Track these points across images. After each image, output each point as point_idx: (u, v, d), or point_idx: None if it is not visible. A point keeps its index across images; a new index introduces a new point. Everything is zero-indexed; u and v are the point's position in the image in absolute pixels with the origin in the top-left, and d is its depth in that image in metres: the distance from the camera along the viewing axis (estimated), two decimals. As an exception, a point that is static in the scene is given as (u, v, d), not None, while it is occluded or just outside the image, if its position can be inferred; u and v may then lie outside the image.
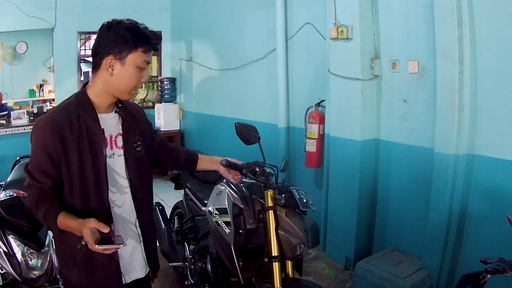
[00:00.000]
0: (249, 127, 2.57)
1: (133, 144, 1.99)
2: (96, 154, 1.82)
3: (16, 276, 2.57)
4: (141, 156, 2.03)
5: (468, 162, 3.34)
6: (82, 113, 1.82)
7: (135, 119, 2.06)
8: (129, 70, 1.81)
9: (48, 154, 1.75)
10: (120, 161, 1.94)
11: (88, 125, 1.82)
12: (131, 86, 1.85)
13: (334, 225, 4.40)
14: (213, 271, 3.09)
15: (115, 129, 1.95)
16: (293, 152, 5.23)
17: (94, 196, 1.83)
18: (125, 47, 1.78)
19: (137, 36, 1.79)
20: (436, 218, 3.48)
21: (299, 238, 2.44)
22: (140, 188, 2.01)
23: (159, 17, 7.95)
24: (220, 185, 2.91)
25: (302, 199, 2.46)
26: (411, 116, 3.78)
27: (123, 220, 1.97)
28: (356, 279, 3.78)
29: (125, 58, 1.79)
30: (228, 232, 2.66)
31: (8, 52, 8.61)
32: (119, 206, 1.95)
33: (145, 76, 1.87)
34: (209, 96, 7.15)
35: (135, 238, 2.02)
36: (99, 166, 1.83)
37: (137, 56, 1.80)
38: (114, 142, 1.93)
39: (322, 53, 4.48)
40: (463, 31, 3.22)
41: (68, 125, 1.78)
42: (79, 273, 1.89)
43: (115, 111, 1.97)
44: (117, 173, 1.93)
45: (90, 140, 1.81)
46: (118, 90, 1.85)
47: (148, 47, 1.82)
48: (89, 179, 1.81)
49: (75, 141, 1.78)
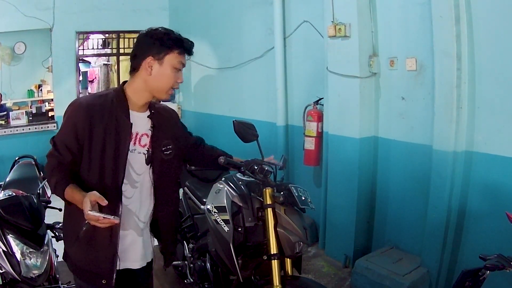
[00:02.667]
0: (247, 125, 2.57)
1: (162, 148, 2.15)
2: (119, 143, 1.97)
3: (15, 275, 2.57)
4: (170, 159, 2.19)
5: (466, 159, 3.34)
6: (116, 104, 2.00)
7: (167, 124, 2.23)
8: (167, 70, 1.99)
9: (75, 132, 1.91)
10: (138, 158, 2.08)
11: (118, 117, 1.99)
12: (168, 86, 2.02)
13: (333, 223, 4.40)
14: (212, 270, 3.09)
15: (142, 129, 2.10)
16: (291, 150, 5.24)
17: (109, 179, 1.96)
18: (163, 48, 1.97)
19: (172, 39, 1.98)
20: (435, 215, 3.48)
21: (298, 235, 2.44)
22: (162, 186, 2.18)
23: (157, 17, 7.91)
24: (219, 183, 2.92)
25: (301, 196, 2.47)
26: (409, 113, 3.78)
27: (128, 211, 2.08)
28: (356, 276, 3.78)
29: (163, 59, 1.98)
30: (227, 230, 2.66)
31: (7, 53, 8.58)
32: (128, 197, 2.07)
33: (181, 77, 2.04)
34: (207, 95, 7.15)
35: (136, 231, 2.14)
36: (120, 155, 1.97)
37: (174, 57, 1.98)
38: (138, 140, 2.08)
39: (320, 51, 4.48)
40: (461, 28, 3.22)
41: (100, 111, 1.95)
42: (79, 249, 2.04)
43: (147, 116, 2.13)
44: (132, 168, 2.06)
45: (117, 130, 1.97)
46: (157, 89, 2.03)
47: (182, 49, 2.00)
48: (107, 164, 1.95)
49: (102, 127, 1.94)
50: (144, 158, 2.10)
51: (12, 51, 8.67)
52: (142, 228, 2.17)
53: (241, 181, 2.81)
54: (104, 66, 10.96)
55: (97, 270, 2.03)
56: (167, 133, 2.19)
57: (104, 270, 2.03)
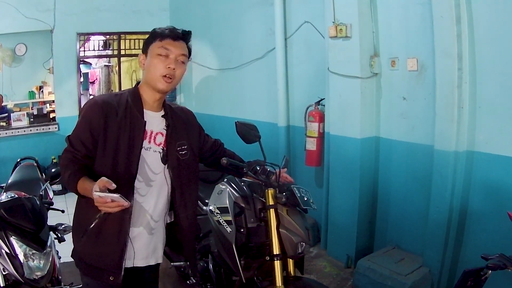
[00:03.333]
0: (249, 126, 2.58)
1: (177, 148, 2.18)
2: (133, 140, 2.02)
3: (18, 277, 2.57)
4: (186, 160, 2.22)
5: (468, 159, 3.35)
6: (130, 103, 2.07)
7: (184, 125, 2.27)
8: (152, 60, 2.04)
9: (90, 128, 1.98)
10: (154, 157, 2.12)
11: (133, 115, 2.05)
12: (157, 73, 2.03)
13: (335, 223, 4.41)
14: (214, 270, 3.09)
15: (157, 127, 2.15)
16: (293, 150, 5.24)
17: (122, 171, 2.00)
18: (148, 42, 2.09)
19: (157, 31, 2.08)
20: (436, 215, 3.49)
21: (300, 236, 2.45)
22: (180, 187, 2.20)
23: (158, 17, 7.91)
24: (221, 184, 2.92)
25: (303, 197, 2.47)
26: (410, 113, 3.78)
27: (140, 208, 2.11)
28: (358, 276, 3.79)
29: (148, 51, 2.08)
30: (229, 231, 2.67)
31: (8, 54, 8.57)
32: (142, 195, 2.10)
33: (170, 63, 2.03)
34: (208, 95, 7.15)
35: (148, 229, 2.16)
36: (134, 151, 2.02)
37: (155, 46, 2.04)
38: (153, 138, 2.12)
39: (321, 51, 4.49)
40: (461, 28, 3.22)
41: (115, 109, 2.02)
42: (87, 243, 2.06)
43: (162, 115, 2.18)
44: (148, 166, 2.10)
45: (131, 128, 2.03)
46: (150, 80, 2.07)
47: (163, 36, 2.05)
48: (121, 159, 1.99)
49: (117, 124, 2.00)
50: (159, 157, 2.13)
51: (13, 52, 8.67)
52: (153, 228, 2.18)
53: (243, 182, 2.82)
54: (105, 68, 10.97)
55: (105, 265, 2.04)
56: (182, 133, 2.23)
57: (112, 265, 2.04)
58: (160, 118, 2.17)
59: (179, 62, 2.07)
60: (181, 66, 2.09)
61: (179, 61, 2.07)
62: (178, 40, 2.08)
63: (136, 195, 2.06)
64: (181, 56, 2.07)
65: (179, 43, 2.08)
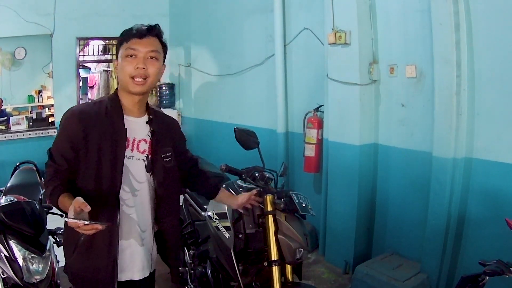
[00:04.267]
0: (248, 132, 2.59)
1: (162, 155, 2.08)
2: (115, 150, 1.92)
3: (17, 280, 2.57)
4: (170, 167, 2.12)
5: (466, 166, 3.36)
6: (110, 110, 1.97)
7: (169, 131, 2.18)
8: (122, 63, 1.94)
9: (70, 140, 1.89)
10: (138, 165, 2.03)
11: (112, 123, 1.95)
12: (126, 75, 1.93)
13: (333, 229, 4.41)
14: (213, 276, 3.09)
15: (140, 134, 2.05)
16: (292, 157, 5.24)
17: (107, 185, 1.91)
18: (117, 47, 1.99)
19: (124, 33, 1.97)
20: (434, 221, 3.49)
21: (298, 242, 2.45)
22: (166, 197, 2.12)
23: (157, 23, 7.88)
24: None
25: (301, 203, 2.48)
26: (409, 120, 3.80)
27: (130, 221, 2.03)
28: (356, 282, 3.78)
29: (118, 55, 1.98)
30: (228, 236, 2.67)
31: (7, 58, 8.60)
32: (130, 206, 2.02)
33: (140, 63, 1.91)
34: (208, 101, 7.15)
35: (138, 241, 2.07)
36: (117, 161, 1.92)
37: (123, 48, 1.94)
38: (136, 145, 2.02)
39: (320, 58, 4.50)
40: (460, 35, 3.25)
41: (94, 118, 1.92)
42: (78, 257, 1.98)
43: (146, 121, 2.07)
44: (132, 175, 2.01)
45: (112, 136, 1.93)
46: (122, 83, 1.98)
47: (128, 36, 1.94)
48: (104, 170, 1.91)
49: (97, 134, 1.90)
50: (144, 165, 2.04)
51: (13, 56, 8.70)
52: (143, 238, 2.10)
53: (242, 188, 2.83)
54: (104, 72, 10.97)
55: (98, 279, 1.98)
56: (167, 139, 2.14)
57: (105, 278, 1.97)
58: (143, 124, 2.07)
59: (150, 60, 1.94)
60: (154, 63, 1.95)
61: (150, 59, 1.94)
62: (145, 37, 1.94)
63: (123, 206, 1.98)
64: (151, 53, 1.94)
65: (147, 40, 1.94)
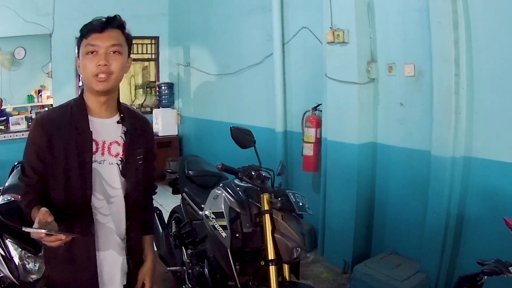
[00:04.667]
0: (244, 131, 2.58)
1: (137, 156, 1.95)
2: (83, 156, 1.79)
3: (13, 279, 2.58)
4: (142, 170, 1.98)
5: (465, 165, 3.35)
6: (74, 114, 1.83)
7: (142, 131, 2.01)
8: (82, 61, 1.79)
9: (36, 151, 1.78)
10: (112, 170, 1.88)
11: (78, 126, 1.81)
12: (89, 73, 1.76)
13: (332, 228, 4.40)
14: (210, 275, 3.09)
15: (111, 136, 1.89)
16: (290, 156, 5.24)
17: (77, 196, 1.79)
18: (78, 43, 1.84)
19: (82, 29, 1.82)
20: (433, 220, 3.48)
21: (295, 241, 2.44)
22: (136, 202, 1.97)
23: (157, 23, 7.96)
24: (217, 189, 2.92)
25: (298, 202, 2.47)
26: (408, 119, 3.79)
27: (107, 230, 1.89)
28: (354, 282, 3.77)
29: (79, 53, 1.81)
30: (224, 236, 2.67)
31: (6, 58, 8.62)
32: (105, 215, 1.88)
33: (101, 59, 1.75)
34: (207, 101, 7.16)
35: (117, 250, 1.93)
36: (85, 168, 1.79)
37: (83, 45, 1.79)
38: (107, 149, 1.87)
39: (318, 57, 4.49)
40: (459, 33, 3.23)
41: (58, 124, 1.79)
42: (59, 271, 1.87)
43: (117, 121, 1.91)
44: (105, 181, 1.87)
45: (78, 142, 1.79)
46: (85, 82, 1.83)
47: (87, 31, 1.79)
48: (73, 179, 1.79)
49: (63, 141, 1.78)
50: (118, 170, 1.89)
51: (12, 56, 8.71)
52: (123, 247, 1.96)
53: (239, 187, 2.82)
54: (104, 72, 10.98)
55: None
56: (140, 140, 1.98)
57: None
58: (114, 124, 1.91)
59: (113, 55, 1.78)
60: (117, 58, 1.79)
61: (112, 54, 1.77)
62: (105, 31, 1.78)
63: (98, 216, 1.85)
64: (113, 47, 1.78)
65: (108, 33, 1.78)
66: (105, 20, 1.79)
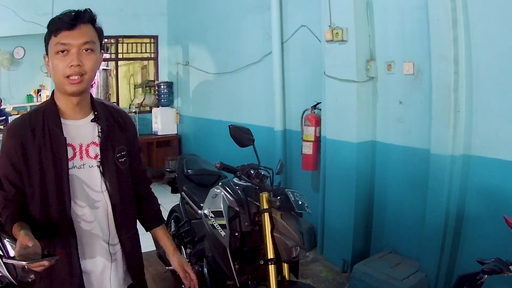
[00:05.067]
0: (243, 129, 2.58)
1: (116, 155, 1.82)
2: (59, 164, 1.68)
3: (11, 279, 2.58)
4: (125, 169, 1.86)
5: (464, 163, 3.34)
6: (47, 119, 1.70)
7: (120, 127, 1.88)
8: (52, 61, 1.65)
9: (11, 162, 1.67)
10: (92, 173, 1.77)
11: (51, 133, 1.69)
12: (60, 75, 1.64)
13: (331, 227, 4.39)
14: (209, 275, 3.08)
15: (88, 138, 1.77)
16: (289, 155, 5.24)
17: (55, 209, 1.68)
18: (46, 41, 1.68)
19: (51, 24, 1.65)
20: (433, 219, 3.48)
21: (294, 240, 2.44)
22: (120, 204, 1.83)
23: (156, 22, 7.96)
24: (216, 188, 2.92)
25: (297, 201, 2.47)
26: (407, 117, 3.78)
27: (93, 237, 1.78)
28: (354, 281, 3.77)
29: (48, 51, 1.67)
30: (223, 235, 2.66)
31: (6, 58, 8.62)
32: (89, 222, 1.76)
33: (74, 59, 1.61)
34: (206, 100, 7.16)
35: (106, 257, 1.82)
36: (62, 177, 1.68)
37: (52, 43, 1.64)
38: (85, 152, 1.76)
39: (317, 55, 4.49)
40: (458, 31, 3.23)
41: (31, 131, 1.68)
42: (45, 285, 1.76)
43: (91, 120, 1.79)
44: (88, 186, 1.76)
45: (53, 149, 1.68)
46: (57, 84, 1.70)
47: (56, 29, 1.62)
48: (50, 191, 1.68)
49: (36, 149, 1.67)
50: (99, 172, 1.77)
51: (11, 56, 8.70)
52: (114, 252, 1.84)
53: (238, 186, 2.81)
54: (103, 71, 10.96)
55: None
56: (119, 136, 1.86)
57: None
58: (89, 124, 1.78)
59: (86, 53, 1.64)
60: (90, 57, 1.65)
61: (85, 52, 1.64)
62: (76, 28, 1.62)
63: (82, 223, 1.74)
64: (85, 45, 1.64)
65: (79, 30, 1.63)
66: (75, 15, 1.63)
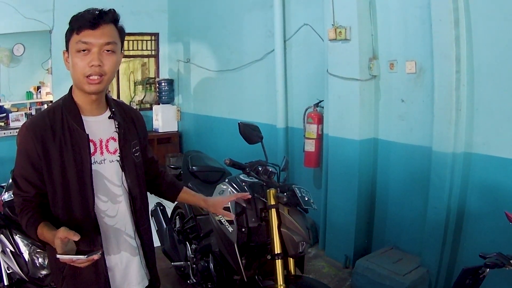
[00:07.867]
0: (252, 127, 2.62)
1: (132, 149, 1.85)
2: (80, 160, 1.68)
3: (23, 275, 2.60)
4: (139, 162, 1.90)
5: (465, 160, 3.38)
6: (66, 116, 1.71)
7: (134, 124, 1.93)
8: (73, 59, 1.66)
9: (30, 161, 1.66)
10: (113, 167, 1.79)
11: (72, 129, 1.69)
12: (79, 74, 1.65)
13: (334, 224, 4.44)
14: (215, 270, 3.12)
15: (106, 133, 1.80)
16: (292, 152, 5.27)
17: (78, 206, 1.69)
18: (67, 37, 1.69)
19: (73, 21, 1.66)
20: (434, 215, 3.52)
21: (301, 235, 2.48)
22: (140, 197, 1.87)
23: (157, 19, 7.96)
24: (223, 184, 2.95)
25: (304, 197, 2.51)
26: (409, 115, 3.82)
27: (116, 232, 1.80)
28: (356, 277, 3.81)
29: (68, 48, 1.69)
30: (231, 230, 2.70)
31: (5, 54, 8.57)
32: (112, 217, 1.79)
33: (95, 59, 1.63)
34: (207, 97, 7.17)
35: (130, 251, 1.85)
36: (84, 173, 1.69)
37: (73, 40, 1.64)
38: (105, 147, 1.78)
39: (320, 54, 4.52)
40: (460, 31, 3.27)
41: (51, 129, 1.67)
42: (68, 285, 1.75)
43: (109, 117, 1.82)
44: (109, 181, 1.78)
45: (74, 145, 1.68)
46: (75, 82, 1.72)
47: (79, 27, 1.63)
48: (72, 188, 1.68)
49: (57, 147, 1.67)
50: (119, 166, 1.80)
51: (11, 53, 8.67)
52: (136, 247, 1.87)
53: (245, 182, 2.85)
54: (103, 68, 10.97)
55: None
56: (133, 132, 1.90)
57: None
58: (106, 120, 1.81)
59: (107, 53, 1.66)
60: (110, 58, 1.67)
61: (106, 52, 1.65)
62: (98, 27, 1.63)
63: (105, 219, 1.77)
64: (107, 46, 1.65)
65: (101, 30, 1.63)
66: (98, 14, 1.63)
